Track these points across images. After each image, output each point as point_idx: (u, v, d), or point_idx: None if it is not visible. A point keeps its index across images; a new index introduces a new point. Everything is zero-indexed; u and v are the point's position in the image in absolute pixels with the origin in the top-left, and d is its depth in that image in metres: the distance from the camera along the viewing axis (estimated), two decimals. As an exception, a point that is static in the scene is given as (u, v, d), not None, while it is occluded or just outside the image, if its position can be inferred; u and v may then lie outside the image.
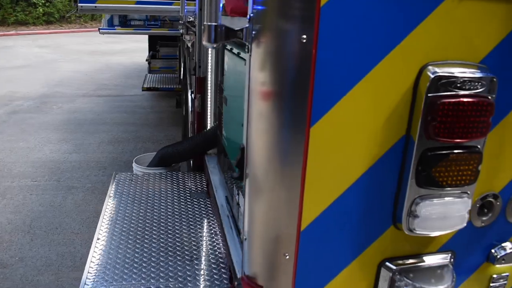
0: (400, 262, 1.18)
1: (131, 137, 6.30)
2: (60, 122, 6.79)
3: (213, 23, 1.00)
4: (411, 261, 1.19)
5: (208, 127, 3.19)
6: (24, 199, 4.11)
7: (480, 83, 1.02)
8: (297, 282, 1.11)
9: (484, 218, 1.23)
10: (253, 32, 0.97)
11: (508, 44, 1.07)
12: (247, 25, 1.00)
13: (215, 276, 2.02)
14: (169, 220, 2.54)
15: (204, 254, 2.17)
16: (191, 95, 3.43)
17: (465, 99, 1.00)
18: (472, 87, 1.02)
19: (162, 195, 2.89)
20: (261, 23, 0.96)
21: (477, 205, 1.21)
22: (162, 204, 2.75)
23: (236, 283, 1.79)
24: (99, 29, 6.18)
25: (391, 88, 1.02)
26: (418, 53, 1.00)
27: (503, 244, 1.29)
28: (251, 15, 0.99)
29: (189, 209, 2.68)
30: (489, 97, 1.04)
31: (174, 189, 2.99)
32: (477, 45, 1.05)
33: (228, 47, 2.13)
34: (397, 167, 1.09)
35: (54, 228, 3.65)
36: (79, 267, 3.15)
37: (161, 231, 2.40)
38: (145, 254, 2.16)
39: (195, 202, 2.78)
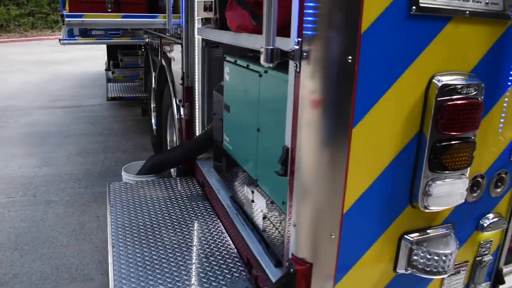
0: (415, 234, 1.45)
1: (99, 147, 6.24)
2: (21, 136, 6.56)
3: (270, 47, 1.21)
4: (423, 233, 1.47)
5: (197, 134, 3.35)
6: (3, 216, 4.01)
7: (473, 88, 1.32)
8: (340, 256, 1.35)
9: (474, 194, 1.54)
10: (304, 54, 1.20)
11: (489, 56, 1.38)
12: (296, 47, 1.22)
13: (233, 269, 2.21)
14: (174, 223, 2.69)
15: (217, 252, 2.35)
16: (176, 103, 3.56)
17: (464, 101, 1.30)
18: (467, 92, 1.31)
19: (160, 200, 3.01)
20: (311, 46, 1.19)
21: (469, 184, 1.51)
22: (163, 208, 2.88)
23: (255, 273, 2.00)
24: (59, 40, 6.06)
25: (409, 95, 1.29)
26: (427, 67, 1.28)
27: (488, 215, 1.61)
28: (299, 39, 1.22)
29: (191, 212, 2.84)
30: (479, 99, 1.34)
31: (170, 194, 3.13)
32: (468, 58, 1.35)
33: (231, 59, 2.33)
34: (412, 157, 1.36)
35: (41, 243, 3.62)
36: (76, 278, 3.19)
37: (171, 235, 2.54)
38: (162, 257, 2.29)
39: (194, 205, 2.94)
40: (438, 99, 1.28)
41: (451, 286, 1.66)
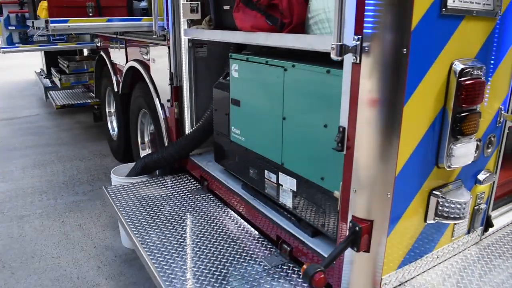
0: (440, 190, 1.81)
1: (53, 158, 5.98)
2: (-41, 154, 6.04)
3: (339, 43, 1.47)
4: (444, 188, 1.83)
5: (186, 132, 3.48)
6: (-24, 237, 3.77)
7: (479, 70, 1.70)
8: (392, 211, 1.66)
9: (475, 155, 1.93)
10: (366, 48, 1.48)
11: (485, 45, 1.77)
12: (357, 43, 1.49)
13: (261, 248, 2.43)
14: (188, 216, 2.82)
15: (240, 235, 2.55)
16: (161, 103, 3.64)
17: (475, 81, 1.67)
18: (477, 73, 1.69)
19: (164, 197, 3.11)
20: (371, 42, 1.47)
21: (473, 146, 1.90)
22: (171, 204, 2.99)
23: (287, 247, 2.24)
24: (0, 48, 5.69)
25: (437, 78, 1.63)
26: (449, 55, 1.63)
27: (482, 172, 2.03)
28: (359, 36, 1.49)
29: (199, 205, 2.99)
30: (483, 78, 1.72)
31: (171, 191, 3.24)
32: (473, 47, 1.73)
33: (241, 57, 2.53)
34: (438, 127, 1.71)
35: (30, 258, 3.49)
36: (81, 286, 3.16)
37: (191, 225, 2.68)
38: (195, 249, 2.43)
39: (199, 198, 3.09)
40: (459, 79, 1.64)
41: (459, 231, 2.06)
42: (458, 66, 1.64)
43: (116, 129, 6.03)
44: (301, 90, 2.07)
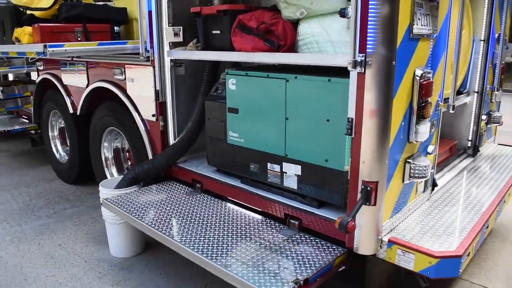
0: (411, 158, 2.58)
1: (-3, 187, 5.72)
2: None
3: (353, 59, 2.13)
4: (413, 157, 2.60)
5: (171, 142, 3.87)
6: (-47, 269, 3.61)
7: (430, 74, 2.51)
8: (389, 173, 2.37)
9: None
10: (369, 62, 2.17)
11: (430, 57, 2.60)
12: (362, 59, 2.18)
13: (271, 227, 2.97)
14: (196, 212, 3.22)
15: (250, 221, 3.05)
16: (141, 118, 3.95)
17: (428, 81, 2.47)
18: (428, 76, 2.50)
19: (165, 201, 3.46)
20: (372, 57, 2.17)
21: (425, 127, 2.72)
22: (175, 205, 3.36)
23: (295, 222, 2.82)
24: None
25: (408, 80, 2.39)
26: (414, 64, 2.41)
27: (429, 145, 2.86)
28: (364, 54, 2.18)
29: (200, 202, 3.41)
30: (431, 79, 2.54)
31: (169, 195, 3.59)
32: (424, 58, 2.54)
33: (240, 72, 3.07)
34: (408, 114, 2.48)
35: (23, 280, 3.49)
36: (89, 294, 3.32)
37: (203, 219, 3.09)
38: (216, 233, 2.85)
39: (197, 198, 3.51)
40: (420, 80, 2.42)
41: (420, 190, 2.86)
42: (419, 72, 2.43)
43: (62, 152, 6.00)
44: (304, 96, 2.70)
